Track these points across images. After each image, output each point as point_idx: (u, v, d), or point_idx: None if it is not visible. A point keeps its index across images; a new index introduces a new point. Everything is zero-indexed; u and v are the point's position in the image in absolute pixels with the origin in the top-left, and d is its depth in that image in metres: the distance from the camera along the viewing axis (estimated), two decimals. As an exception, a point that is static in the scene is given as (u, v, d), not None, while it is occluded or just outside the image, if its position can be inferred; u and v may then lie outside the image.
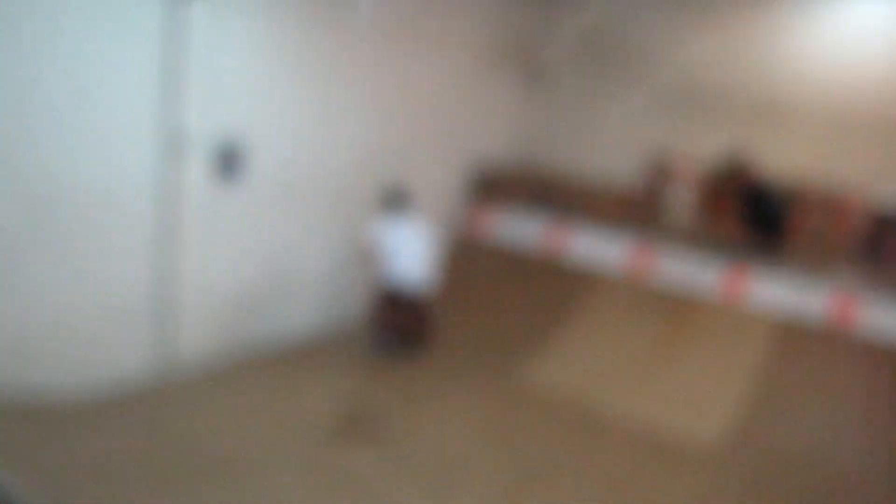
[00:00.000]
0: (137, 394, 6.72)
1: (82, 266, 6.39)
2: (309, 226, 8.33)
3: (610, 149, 10.94)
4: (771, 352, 7.91)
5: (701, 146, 10.24)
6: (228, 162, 7.23)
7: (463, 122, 10.17)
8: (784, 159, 9.65)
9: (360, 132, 8.65)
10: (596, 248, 9.38)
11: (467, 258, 9.92)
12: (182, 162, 6.81)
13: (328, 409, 6.87)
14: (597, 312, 8.78)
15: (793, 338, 8.00)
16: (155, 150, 6.65)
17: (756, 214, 8.71)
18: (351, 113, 8.50)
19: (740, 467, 6.72)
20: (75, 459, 5.52)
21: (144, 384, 6.89)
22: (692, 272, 8.81)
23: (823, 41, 9.60)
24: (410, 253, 7.75)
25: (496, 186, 10.33)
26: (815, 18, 9.66)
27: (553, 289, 9.20)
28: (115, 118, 6.35)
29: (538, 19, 11.12)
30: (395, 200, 7.97)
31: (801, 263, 8.91)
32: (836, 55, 9.51)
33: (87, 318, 6.48)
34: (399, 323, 7.96)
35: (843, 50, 9.47)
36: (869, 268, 9.17)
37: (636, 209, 10.58)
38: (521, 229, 9.89)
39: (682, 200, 10.40)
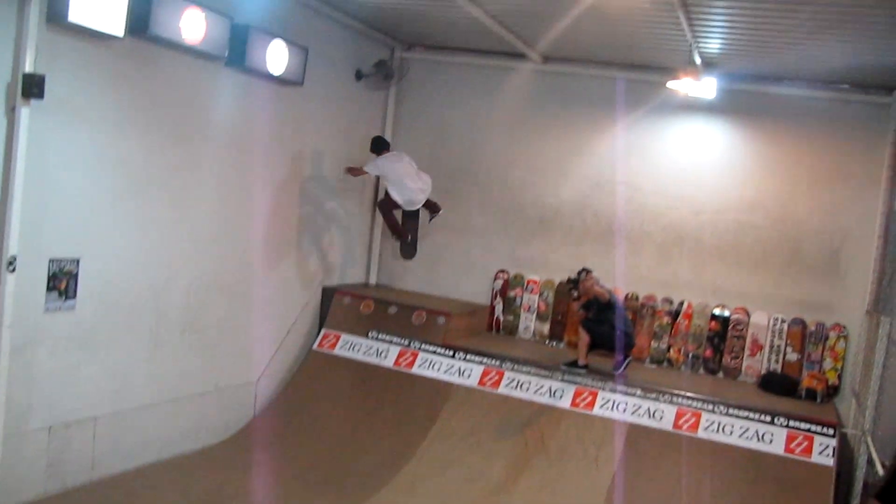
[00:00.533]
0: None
1: None
2: (149, 350, 7.95)
3: (459, 266, 11.18)
4: (624, 458, 8.04)
5: (549, 263, 10.63)
6: (61, 282, 6.85)
7: (307, 238, 10.20)
8: (629, 276, 10.17)
9: (204, 248, 8.46)
10: (447, 364, 9.40)
11: (320, 373, 9.74)
12: (8, 283, 6.34)
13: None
14: (450, 429, 8.70)
15: (643, 444, 8.17)
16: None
17: (600, 329, 8.98)
18: (197, 228, 8.33)
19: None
20: None
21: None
22: (543, 385, 8.93)
23: (665, 164, 10.32)
24: (408, 177, 9.36)
25: (346, 304, 10.27)
26: (657, 140, 10.40)
27: (407, 406, 9.07)
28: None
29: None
30: (379, 144, 9.69)
31: (648, 374, 9.24)
32: (677, 177, 10.24)
33: None
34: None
35: (684, 171, 10.22)
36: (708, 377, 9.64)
37: (487, 324, 10.83)
38: (372, 347, 9.79)
39: (532, 314, 10.66)
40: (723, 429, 8.20)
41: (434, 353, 9.52)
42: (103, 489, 7.34)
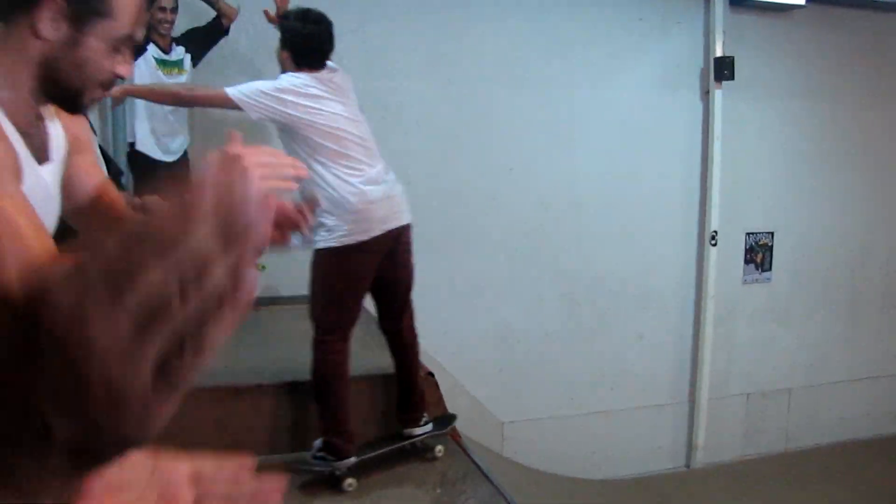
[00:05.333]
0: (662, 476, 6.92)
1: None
2: (845, 326, 7.65)
3: None
4: None
5: None
6: (757, 255, 7.09)
7: None
8: None
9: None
10: None
11: None
12: (710, 256, 6.84)
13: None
14: None
15: None
16: (688, 244, 6.87)
17: None
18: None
19: None
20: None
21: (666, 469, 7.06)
22: None
23: None
24: None
25: None
26: None
27: None
28: (659, 216, 6.76)
29: None
30: None
31: None
32: None
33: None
34: None
35: None
36: None
37: None
38: None
39: None
40: None
41: None
42: (796, 461, 7.35)
